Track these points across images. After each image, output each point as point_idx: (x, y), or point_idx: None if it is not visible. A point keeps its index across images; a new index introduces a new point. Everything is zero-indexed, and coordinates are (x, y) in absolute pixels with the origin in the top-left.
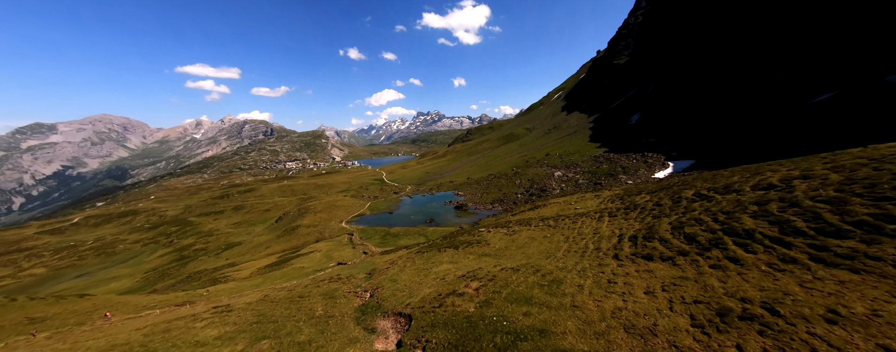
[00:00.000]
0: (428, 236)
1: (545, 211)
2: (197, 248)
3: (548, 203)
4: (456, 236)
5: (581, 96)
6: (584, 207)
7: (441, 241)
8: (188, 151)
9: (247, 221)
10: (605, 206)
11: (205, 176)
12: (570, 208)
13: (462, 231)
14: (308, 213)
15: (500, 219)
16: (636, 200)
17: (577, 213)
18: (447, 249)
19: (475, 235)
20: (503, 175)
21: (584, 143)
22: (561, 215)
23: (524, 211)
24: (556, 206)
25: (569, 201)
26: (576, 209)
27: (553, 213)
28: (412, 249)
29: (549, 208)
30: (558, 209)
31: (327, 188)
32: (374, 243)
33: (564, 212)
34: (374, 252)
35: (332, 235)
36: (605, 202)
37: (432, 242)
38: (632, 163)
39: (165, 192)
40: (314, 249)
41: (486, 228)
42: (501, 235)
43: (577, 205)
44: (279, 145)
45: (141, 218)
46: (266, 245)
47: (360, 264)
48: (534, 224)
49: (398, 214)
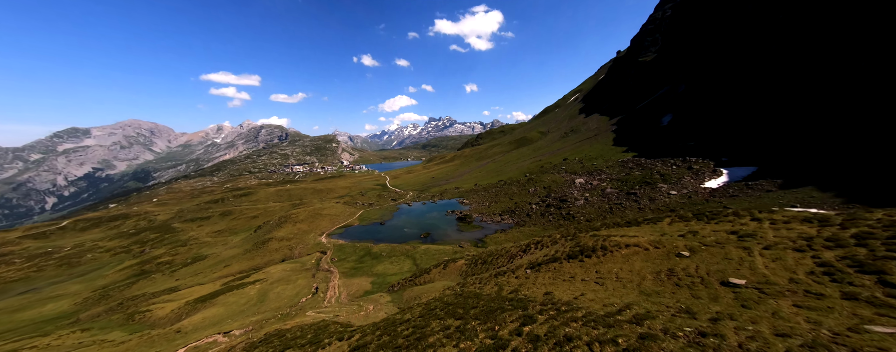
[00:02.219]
0: (417, 260)
1: (619, 264)
2: (162, 261)
3: (604, 238)
4: (468, 281)
5: (601, 98)
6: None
7: (437, 276)
8: (208, 154)
9: (230, 229)
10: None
11: (214, 179)
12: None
13: (478, 261)
14: (287, 223)
15: (542, 250)
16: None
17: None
18: (449, 318)
19: (507, 279)
20: (515, 182)
21: (606, 147)
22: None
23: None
24: (636, 256)
25: (662, 239)
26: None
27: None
28: (388, 295)
29: (615, 259)
30: (656, 265)
31: (326, 193)
32: (347, 267)
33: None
34: (332, 289)
35: (301, 253)
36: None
37: (417, 273)
38: (671, 169)
39: (170, 194)
40: (263, 277)
41: (531, 268)
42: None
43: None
44: (290, 149)
45: (130, 223)
46: (226, 263)
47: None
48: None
49: (390, 226)
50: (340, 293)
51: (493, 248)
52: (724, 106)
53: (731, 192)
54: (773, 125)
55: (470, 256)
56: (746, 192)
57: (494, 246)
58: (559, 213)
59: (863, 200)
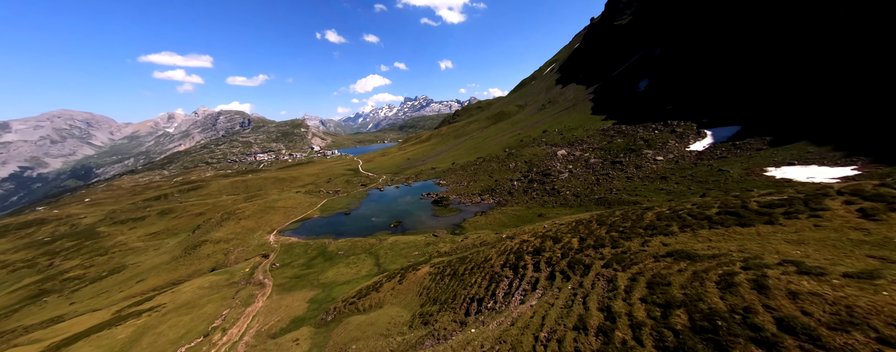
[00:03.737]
0: (380, 258)
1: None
2: (71, 276)
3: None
4: (424, 312)
5: (577, 67)
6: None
7: (389, 295)
8: (159, 146)
9: (168, 231)
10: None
11: (164, 172)
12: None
13: (445, 273)
14: (230, 220)
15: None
16: None
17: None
18: None
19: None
20: (494, 158)
21: (586, 116)
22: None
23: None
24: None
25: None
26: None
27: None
28: (312, 330)
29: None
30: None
31: (289, 182)
32: (287, 276)
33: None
34: (245, 318)
35: (238, 258)
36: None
37: (368, 288)
38: (654, 135)
39: (108, 192)
40: (166, 300)
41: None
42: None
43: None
44: (253, 136)
45: (46, 229)
46: (142, 277)
47: None
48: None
49: (356, 216)
50: (250, 328)
51: (468, 253)
52: (700, 67)
53: (719, 153)
54: (755, 82)
55: (436, 265)
56: (735, 152)
57: (470, 242)
58: (543, 188)
59: (866, 153)
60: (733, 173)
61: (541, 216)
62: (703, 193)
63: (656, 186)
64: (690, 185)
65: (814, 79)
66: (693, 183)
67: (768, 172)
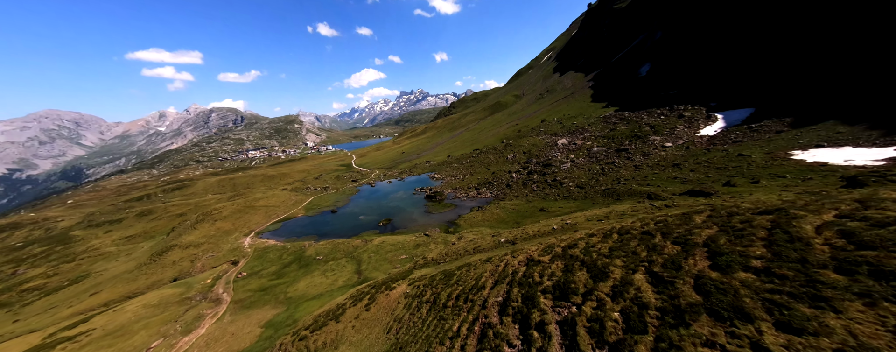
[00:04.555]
0: (363, 264)
1: None
2: (31, 287)
3: None
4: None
5: (575, 54)
6: None
7: (349, 329)
8: (151, 145)
9: (144, 234)
10: None
11: (153, 172)
12: None
13: (425, 296)
14: (205, 221)
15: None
16: None
17: None
18: None
19: None
20: (491, 149)
21: (585, 104)
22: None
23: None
24: None
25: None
26: None
27: None
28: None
29: None
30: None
31: (278, 179)
32: (251, 289)
33: None
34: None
35: (205, 266)
36: None
37: (346, 301)
38: (660, 120)
39: (92, 193)
40: (101, 323)
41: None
42: None
43: None
44: (246, 133)
45: (20, 234)
46: (97, 289)
47: None
48: None
49: (343, 214)
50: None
51: (457, 264)
52: (705, 49)
53: (733, 137)
54: (767, 62)
55: (416, 283)
56: (752, 135)
57: (463, 246)
58: (544, 180)
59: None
60: (755, 158)
61: (542, 211)
62: (727, 181)
63: (669, 175)
64: (708, 172)
65: (835, 52)
66: (710, 170)
67: (795, 155)
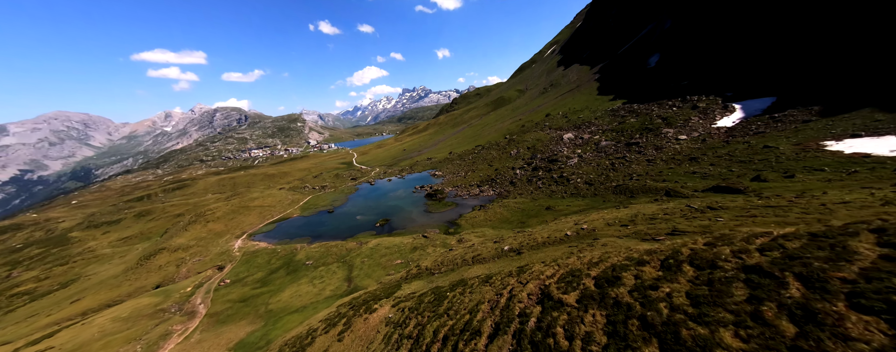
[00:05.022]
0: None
1: None
2: (21, 291)
3: None
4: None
5: (580, 46)
6: None
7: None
8: (158, 145)
9: (141, 235)
10: None
11: (158, 172)
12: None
13: (409, 330)
14: (197, 223)
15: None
16: None
17: None
18: None
19: None
20: (494, 145)
21: (591, 97)
22: None
23: None
24: None
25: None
26: None
27: None
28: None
29: None
30: None
31: (279, 178)
32: (230, 301)
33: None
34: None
35: (191, 271)
36: None
37: (318, 327)
38: (672, 112)
39: (97, 194)
40: (62, 342)
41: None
42: None
43: None
44: (249, 132)
45: (21, 235)
46: (77, 297)
47: None
48: None
49: (340, 214)
50: None
51: (449, 280)
52: (718, 38)
53: (754, 128)
54: (787, 48)
55: (400, 305)
56: (775, 126)
57: (460, 253)
58: (550, 176)
59: None
60: (784, 150)
61: (549, 209)
62: (756, 176)
63: (686, 169)
64: (730, 165)
65: (866, 35)
66: (733, 163)
67: (828, 145)
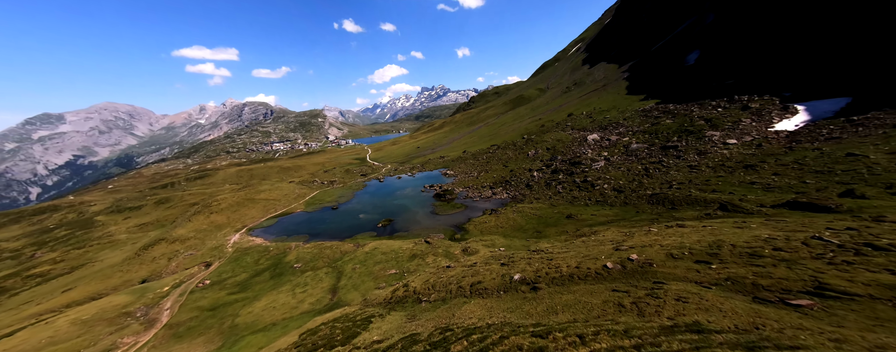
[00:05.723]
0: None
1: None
2: (36, 272)
3: None
4: None
5: (608, 43)
6: None
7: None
8: (192, 136)
9: (157, 222)
10: None
11: (188, 161)
12: None
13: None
14: (201, 214)
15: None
16: None
17: None
18: None
19: None
20: (510, 145)
21: (620, 97)
22: None
23: None
24: None
25: None
26: None
27: None
28: None
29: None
30: None
31: (294, 171)
32: (200, 307)
33: None
34: None
35: (178, 267)
36: None
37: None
38: (717, 113)
39: (129, 180)
40: (15, 344)
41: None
42: None
43: None
44: (273, 126)
45: (56, 217)
46: (71, 285)
47: None
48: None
49: (344, 211)
50: None
51: (434, 324)
52: (770, 33)
53: (826, 133)
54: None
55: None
56: (854, 131)
57: (457, 275)
58: (571, 180)
59: None
60: (877, 160)
61: (571, 218)
62: (849, 190)
63: (741, 179)
64: (803, 176)
65: None
66: (806, 174)
67: None
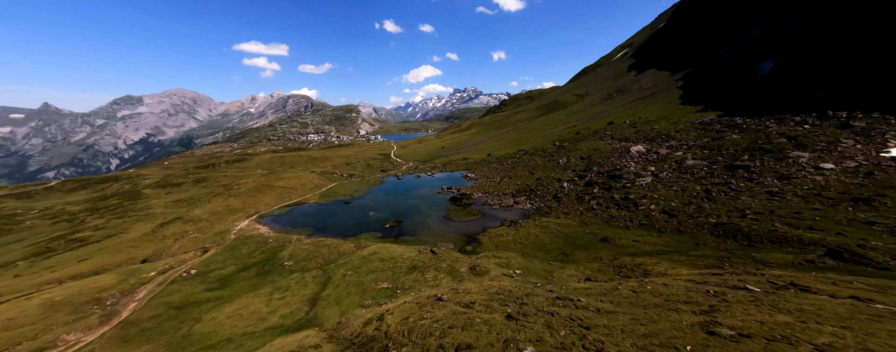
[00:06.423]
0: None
1: None
2: (79, 237)
3: None
4: None
5: (659, 49)
6: None
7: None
8: (242, 123)
9: (191, 199)
10: None
11: (234, 145)
12: None
13: None
14: (221, 196)
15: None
16: None
17: None
18: None
19: None
20: (540, 151)
21: (671, 106)
22: None
23: None
24: None
25: None
26: None
27: None
28: None
29: None
30: None
31: (321, 161)
32: (175, 302)
33: None
34: None
35: (181, 250)
36: None
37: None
38: (804, 131)
39: (181, 159)
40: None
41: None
42: None
43: None
44: (310, 118)
45: (115, 186)
46: (87, 256)
47: None
48: None
49: (355, 206)
50: None
51: None
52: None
53: None
54: None
55: None
56: None
57: (488, 257)
58: (609, 196)
59: None
60: None
61: (606, 242)
62: None
63: (849, 215)
64: None
65: None
66: None
67: None
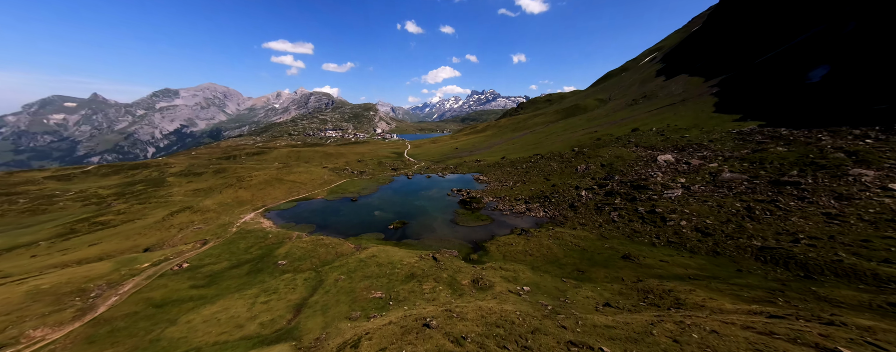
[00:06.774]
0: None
1: None
2: (101, 220)
3: None
4: None
5: (692, 54)
6: None
7: None
8: (267, 118)
9: (209, 189)
10: None
11: (257, 139)
12: None
13: None
14: (232, 187)
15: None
16: None
17: None
18: None
19: None
20: (556, 156)
21: (704, 114)
22: None
23: None
24: None
25: None
26: None
27: None
28: None
29: None
30: None
31: (335, 157)
32: (156, 300)
33: None
34: None
35: (182, 240)
36: None
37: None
38: (866, 146)
39: (208, 150)
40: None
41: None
42: None
43: None
44: (330, 115)
45: (145, 172)
46: (99, 240)
47: None
48: None
49: (361, 204)
50: None
51: None
52: None
53: None
54: None
55: None
56: None
57: (494, 269)
58: (632, 208)
59: None
60: None
61: (628, 259)
62: None
63: None
64: None
65: None
66: None
67: None
